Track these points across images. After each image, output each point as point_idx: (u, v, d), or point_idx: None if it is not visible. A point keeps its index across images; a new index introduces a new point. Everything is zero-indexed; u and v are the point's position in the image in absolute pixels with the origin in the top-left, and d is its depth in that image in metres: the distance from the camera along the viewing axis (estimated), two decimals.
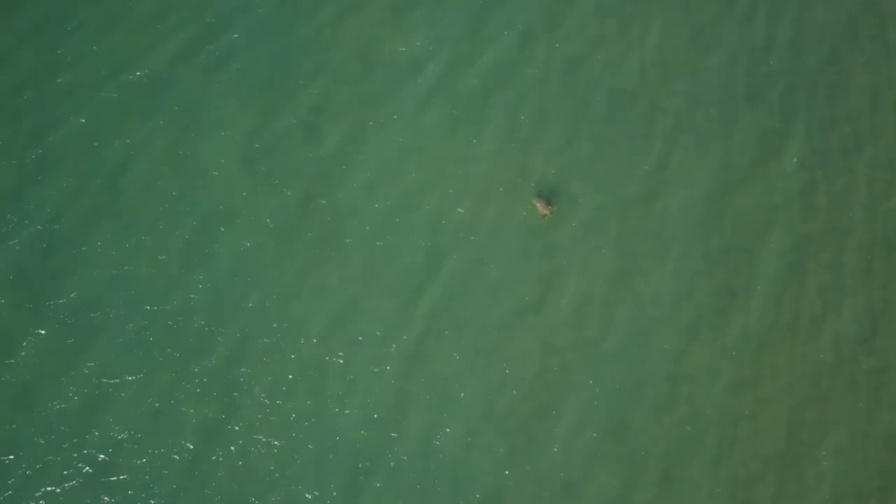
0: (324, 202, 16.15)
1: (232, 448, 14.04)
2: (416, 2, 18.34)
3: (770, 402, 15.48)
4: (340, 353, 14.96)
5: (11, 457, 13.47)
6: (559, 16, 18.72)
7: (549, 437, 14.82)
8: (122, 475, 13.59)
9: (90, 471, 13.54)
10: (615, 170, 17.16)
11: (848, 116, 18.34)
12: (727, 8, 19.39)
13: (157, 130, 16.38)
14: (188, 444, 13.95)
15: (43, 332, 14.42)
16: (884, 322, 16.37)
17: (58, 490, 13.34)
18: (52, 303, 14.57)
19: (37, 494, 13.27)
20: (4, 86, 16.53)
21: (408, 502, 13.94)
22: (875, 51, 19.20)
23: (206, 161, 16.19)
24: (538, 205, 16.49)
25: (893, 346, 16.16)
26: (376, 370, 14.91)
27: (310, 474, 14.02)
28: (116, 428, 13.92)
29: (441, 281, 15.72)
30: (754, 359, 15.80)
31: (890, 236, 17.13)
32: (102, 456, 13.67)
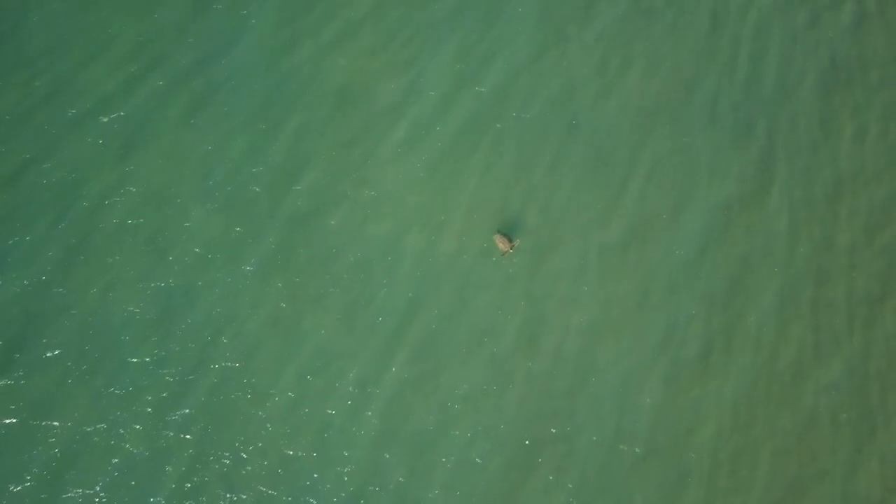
0: (299, 247, 15.91)
1: (203, 502, 13.79)
2: (394, 39, 18.14)
3: (750, 453, 15.34)
4: (313, 404, 14.71)
5: None
6: (540, 53, 18.55)
7: (526, 488, 14.65)
8: None
9: None
10: (594, 213, 16.96)
11: (829, 160, 18.24)
12: (709, 47, 19.28)
13: (132, 174, 16.11)
14: (159, 499, 13.69)
15: (9, 382, 14.12)
16: (864, 370, 16.25)
17: None
18: (18, 355, 14.28)
19: None
20: None
21: None
22: (856, 93, 19.14)
23: (180, 205, 15.93)
24: (498, 241, 16.09)
25: (874, 394, 16.06)
26: (350, 421, 14.68)
27: None
28: (84, 482, 13.65)
29: (416, 329, 15.49)
30: (734, 408, 15.65)
31: (871, 283, 17.03)
32: None
